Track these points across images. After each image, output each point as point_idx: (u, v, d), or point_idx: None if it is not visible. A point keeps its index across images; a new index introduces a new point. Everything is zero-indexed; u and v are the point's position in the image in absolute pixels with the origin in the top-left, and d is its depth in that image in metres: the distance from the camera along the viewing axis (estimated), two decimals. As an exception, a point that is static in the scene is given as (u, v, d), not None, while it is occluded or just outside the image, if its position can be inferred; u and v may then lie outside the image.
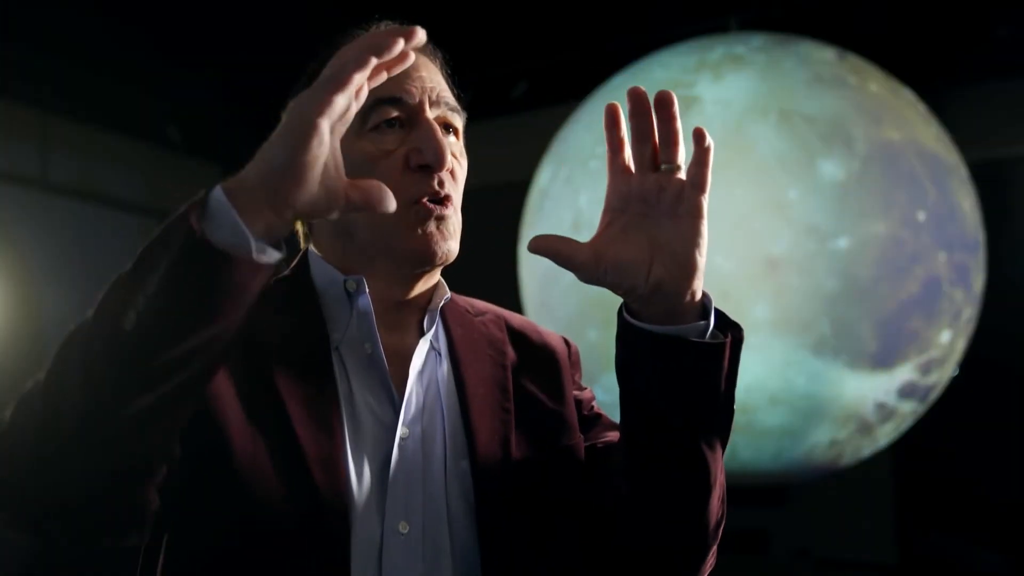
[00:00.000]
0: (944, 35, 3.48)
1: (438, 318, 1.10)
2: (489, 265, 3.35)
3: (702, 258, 0.92)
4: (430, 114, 1.02)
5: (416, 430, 1.01)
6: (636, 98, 0.89)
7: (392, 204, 0.81)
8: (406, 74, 1.03)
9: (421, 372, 1.05)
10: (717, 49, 2.52)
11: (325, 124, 0.75)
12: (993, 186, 3.07)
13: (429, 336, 1.07)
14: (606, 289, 0.95)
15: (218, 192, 0.75)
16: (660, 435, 0.95)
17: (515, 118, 4.15)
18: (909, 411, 2.47)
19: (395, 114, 1.02)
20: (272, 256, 0.77)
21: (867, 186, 2.26)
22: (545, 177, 2.68)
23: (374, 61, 0.77)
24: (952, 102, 3.44)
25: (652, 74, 2.57)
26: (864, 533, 3.85)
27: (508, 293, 2.87)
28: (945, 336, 2.38)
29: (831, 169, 2.25)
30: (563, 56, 3.75)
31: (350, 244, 1.05)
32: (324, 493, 0.93)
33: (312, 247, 1.11)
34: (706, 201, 0.91)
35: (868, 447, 2.53)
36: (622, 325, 0.95)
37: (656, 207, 0.91)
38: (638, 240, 0.92)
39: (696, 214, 0.91)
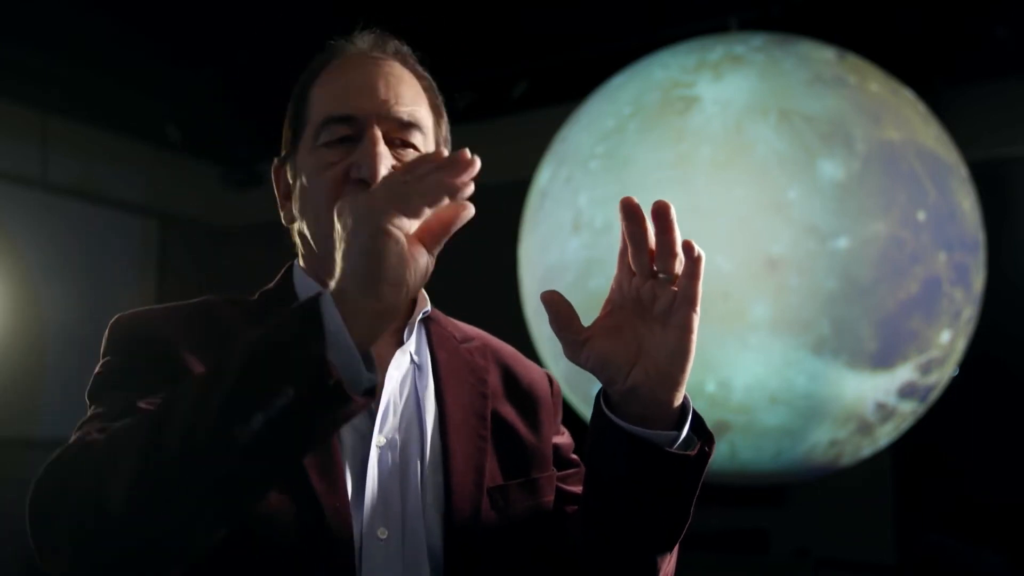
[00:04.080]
0: (944, 35, 3.48)
1: (423, 337, 1.11)
2: (489, 265, 3.35)
3: (685, 373, 0.92)
4: (378, 129, 1.03)
5: (393, 439, 1.02)
6: (628, 208, 0.88)
7: (469, 209, 0.84)
8: (359, 90, 1.05)
9: (400, 383, 1.06)
10: (717, 49, 2.52)
11: (395, 231, 0.79)
12: (993, 186, 3.07)
13: (407, 347, 1.08)
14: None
15: (336, 319, 0.77)
16: (614, 516, 0.99)
17: (515, 118, 4.15)
18: (909, 411, 2.47)
19: (344, 133, 1.04)
20: (371, 383, 0.80)
21: (867, 186, 2.26)
22: (545, 177, 2.68)
23: (445, 201, 0.81)
24: (952, 102, 3.44)
25: (652, 74, 2.57)
26: (864, 533, 3.85)
27: (508, 293, 2.87)
28: (945, 336, 2.38)
29: (831, 169, 2.25)
30: (563, 56, 3.75)
31: (310, 252, 1.09)
32: (324, 498, 0.94)
33: (298, 259, 1.14)
34: (697, 317, 0.90)
35: (868, 447, 2.53)
36: (597, 410, 0.96)
37: (650, 312, 0.91)
38: (627, 340, 0.92)
39: (686, 328, 0.90)
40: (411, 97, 1.07)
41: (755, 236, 2.23)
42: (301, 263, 1.13)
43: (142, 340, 0.99)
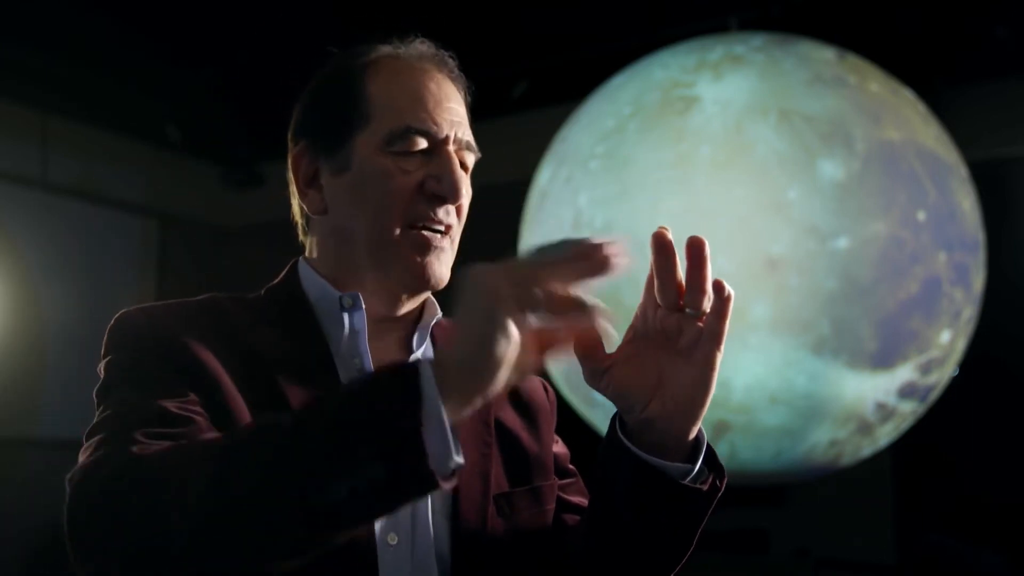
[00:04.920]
0: (944, 35, 3.48)
1: (429, 341, 1.11)
2: (489, 265, 3.34)
3: (704, 408, 0.91)
4: (452, 148, 1.05)
5: None
6: (659, 242, 0.87)
7: (611, 337, 0.81)
8: (438, 103, 1.06)
9: None
10: (717, 49, 2.52)
11: (514, 333, 0.74)
12: (993, 186, 3.07)
13: (418, 354, 1.08)
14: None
15: (438, 407, 0.74)
16: (619, 538, 0.99)
17: (515, 118, 4.15)
18: (909, 411, 2.47)
19: (423, 145, 1.04)
20: (457, 466, 0.77)
21: (867, 186, 2.26)
22: (545, 177, 2.68)
23: (581, 309, 0.75)
24: (952, 102, 3.44)
25: (652, 74, 2.57)
26: (864, 533, 3.84)
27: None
28: (945, 336, 2.38)
29: (831, 169, 2.25)
30: (563, 56, 3.75)
31: (345, 251, 1.07)
32: None
33: (302, 257, 1.12)
34: (721, 354, 0.89)
35: (868, 447, 2.53)
36: (611, 433, 0.96)
37: (674, 345, 0.90)
38: (648, 370, 0.92)
39: (709, 365, 0.89)
40: (468, 121, 1.10)
41: (755, 236, 2.23)
42: (312, 254, 1.11)
43: (148, 336, 0.97)
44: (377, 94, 1.05)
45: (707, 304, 0.88)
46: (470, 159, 1.08)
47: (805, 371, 2.25)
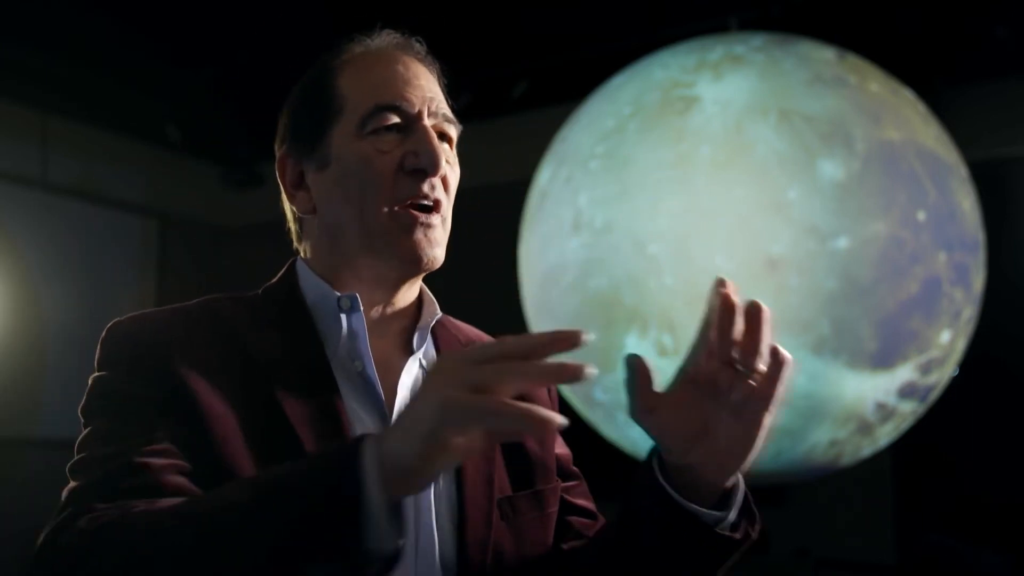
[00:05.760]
0: (944, 35, 3.48)
1: (430, 340, 1.11)
2: (489, 265, 3.34)
3: (744, 463, 0.92)
4: (427, 122, 1.04)
5: None
6: (724, 301, 0.88)
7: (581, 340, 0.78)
8: (406, 82, 1.06)
9: (411, 390, 1.06)
10: (717, 49, 2.52)
11: (453, 446, 0.73)
12: (993, 186, 3.07)
13: (419, 355, 1.07)
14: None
15: (378, 497, 0.73)
16: (638, 564, 0.99)
17: (515, 118, 4.15)
18: (909, 411, 2.46)
19: (394, 120, 1.04)
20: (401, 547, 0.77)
21: (867, 186, 2.25)
22: (545, 177, 2.68)
23: (522, 423, 0.73)
24: (952, 102, 3.44)
25: (652, 74, 2.57)
26: (864, 533, 3.84)
27: (508, 293, 2.87)
28: (945, 336, 2.38)
29: (831, 169, 2.25)
30: (563, 56, 3.75)
31: (338, 245, 1.06)
32: None
33: (300, 257, 1.12)
34: (771, 417, 0.89)
35: (868, 447, 2.53)
36: (647, 467, 0.96)
37: (724, 398, 0.90)
38: (694, 418, 0.91)
39: (756, 425, 0.90)
40: (444, 98, 1.10)
41: (755, 236, 2.22)
42: (306, 254, 1.11)
43: (142, 351, 0.97)
44: (346, 86, 1.06)
45: (761, 365, 0.88)
46: (452, 130, 1.08)
47: (805, 371, 2.25)
